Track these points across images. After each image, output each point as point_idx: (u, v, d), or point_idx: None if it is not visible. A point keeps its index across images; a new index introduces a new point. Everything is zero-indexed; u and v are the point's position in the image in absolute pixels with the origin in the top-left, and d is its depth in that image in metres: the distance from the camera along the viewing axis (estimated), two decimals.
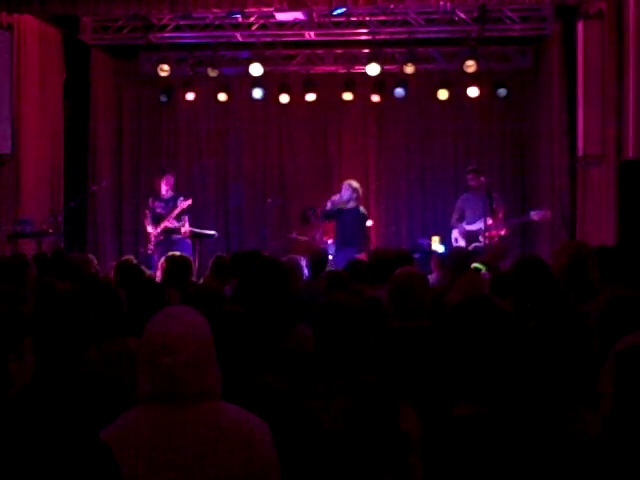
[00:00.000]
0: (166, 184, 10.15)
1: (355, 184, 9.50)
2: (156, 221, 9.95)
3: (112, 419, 2.17)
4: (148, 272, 6.95)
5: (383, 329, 3.65)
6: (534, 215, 9.22)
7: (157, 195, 10.17)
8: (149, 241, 9.99)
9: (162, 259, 7.39)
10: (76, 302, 2.92)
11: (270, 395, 2.72)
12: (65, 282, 5.15)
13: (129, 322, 3.63)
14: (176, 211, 9.86)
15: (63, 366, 2.75)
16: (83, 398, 2.61)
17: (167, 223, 9.88)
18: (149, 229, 10.00)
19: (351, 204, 9.36)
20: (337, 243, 9.49)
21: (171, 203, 9.97)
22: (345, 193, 9.40)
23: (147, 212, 10.16)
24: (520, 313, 3.91)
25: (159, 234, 9.88)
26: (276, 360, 3.16)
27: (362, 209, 9.50)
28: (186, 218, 10.11)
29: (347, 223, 9.32)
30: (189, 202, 9.99)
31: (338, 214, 9.35)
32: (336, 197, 9.44)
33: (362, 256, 8.81)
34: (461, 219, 9.66)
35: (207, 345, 2.20)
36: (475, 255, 8.10)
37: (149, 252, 9.90)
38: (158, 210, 9.98)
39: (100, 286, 4.39)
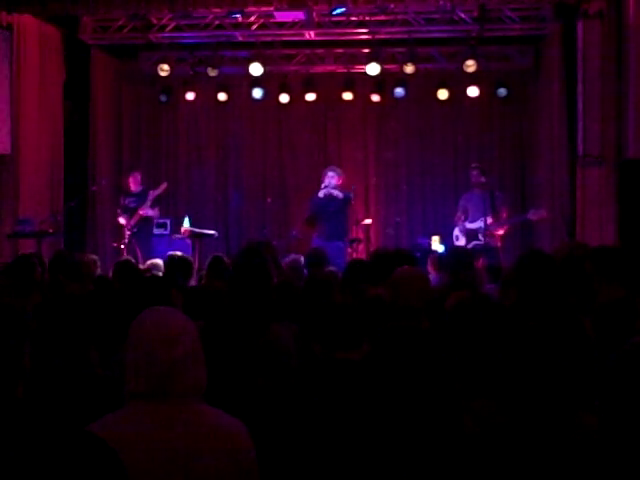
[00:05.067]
0: (134, 181, 10.36)
1: (335, 169, 9.67)
2: (130, 214, 10.08)
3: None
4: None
5: (383, 328, 3.64)
6: (531, 215, 9.23)
7: (127, 192, 10.34)
8: (122, 236, 10.04)
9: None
10: (82, 304, 2.92)
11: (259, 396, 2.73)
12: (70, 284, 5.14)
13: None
14: (152, 195, 10.01)
15: (64, 366, 2.76)
16: (85, 399, 2.62)
17: (141, 212, 9.99)
18: (122, 221, 10.09)
19: (336, 192, 9.38)
20: (322, 237, 9.24)
21: (143, 196, 10.15)
22: (331, 180, 9.43)
23: (118, 210, 10.27)
24: (520, 307, 3.87)
25: (133, 226, 9.97)
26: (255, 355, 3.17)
27: (336, 193, 9.39)
28: (186, 217, 10.16)
29: (330, 215, 9.29)
30: (164, 186, 10.19)
31: (321, 208, 9.34)
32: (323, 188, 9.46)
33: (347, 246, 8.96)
34: (465, 217, 9.68)
35: (198, 342, 2.24)
36: (474, 253, 8.11)
37: (121, 246, 9.93)
38: (131, 205, 10.12)
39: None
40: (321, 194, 9.43)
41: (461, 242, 9.55)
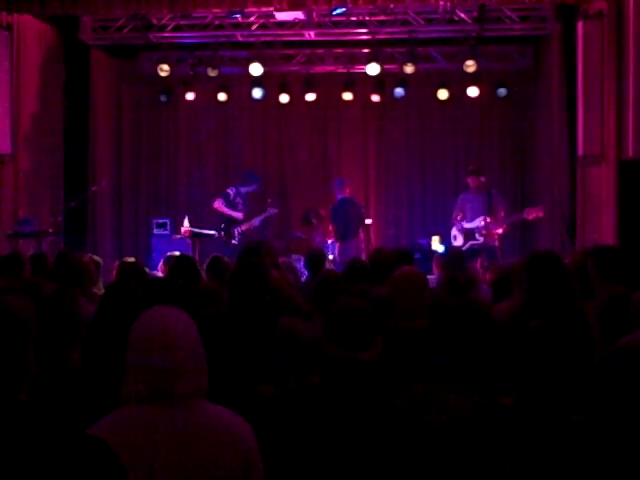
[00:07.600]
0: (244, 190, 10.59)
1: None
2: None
3: (93, 419, 2.17)
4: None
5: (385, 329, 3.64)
6: (527, 214, 9.23)
7: (238, 191, 10.48)
8: (231, 235, 10.23)
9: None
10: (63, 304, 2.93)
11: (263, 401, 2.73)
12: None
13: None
14: (263, 216, 10.39)
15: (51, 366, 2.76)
16: (70, 397, 2.62)
17: (254, 222, 10.34)
18: (235, 215, 10.29)
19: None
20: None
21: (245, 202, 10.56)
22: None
23: (222, 199, 10.41)
24: (527, 309, 3.87)
25: (243, 231, 10.27)
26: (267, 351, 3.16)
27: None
28: (186, 217, 10.19)
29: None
30: (276, 211, 10.58)
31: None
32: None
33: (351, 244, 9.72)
34: (462, 217, 9.68)
35: (199, 344, 2.23)
36: (469, 253, 8.13)
37: (235, 242, 10.15)
38: (239, 207, 10.40)
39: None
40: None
41: (458, 242, 9.55)
